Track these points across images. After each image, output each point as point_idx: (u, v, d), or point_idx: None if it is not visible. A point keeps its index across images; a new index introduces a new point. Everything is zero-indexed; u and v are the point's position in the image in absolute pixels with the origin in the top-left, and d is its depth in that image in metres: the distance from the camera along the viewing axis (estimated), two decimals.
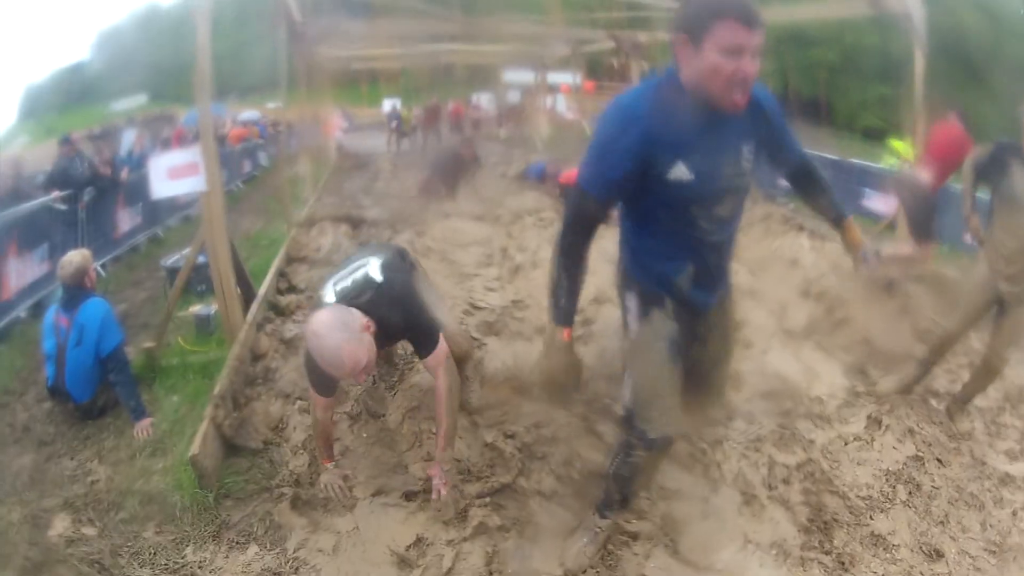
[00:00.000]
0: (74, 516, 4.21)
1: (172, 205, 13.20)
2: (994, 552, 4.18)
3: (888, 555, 4.05)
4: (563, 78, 21.79)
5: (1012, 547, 4.23)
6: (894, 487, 4.64)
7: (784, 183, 3.72)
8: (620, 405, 3.72)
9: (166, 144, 15.00)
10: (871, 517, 4.34)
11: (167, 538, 3.93)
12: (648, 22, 15.10)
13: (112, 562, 3.78)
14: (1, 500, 4.47)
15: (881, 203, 12.94)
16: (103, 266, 10.12)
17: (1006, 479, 4.88)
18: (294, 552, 3.81)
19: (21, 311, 8.14)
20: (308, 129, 15.81)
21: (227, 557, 3.78)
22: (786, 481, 4.63)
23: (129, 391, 5.38)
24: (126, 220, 11.55)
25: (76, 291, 5.49)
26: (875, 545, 4.11)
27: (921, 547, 4.14)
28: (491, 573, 3.70)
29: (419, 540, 3.89)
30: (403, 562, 3.76)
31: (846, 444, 5.08)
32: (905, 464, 4.88)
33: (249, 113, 17.56)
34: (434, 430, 4.45)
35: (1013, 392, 5.96)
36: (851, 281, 7.45)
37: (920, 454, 5.00)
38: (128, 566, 3.75)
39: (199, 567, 3.71)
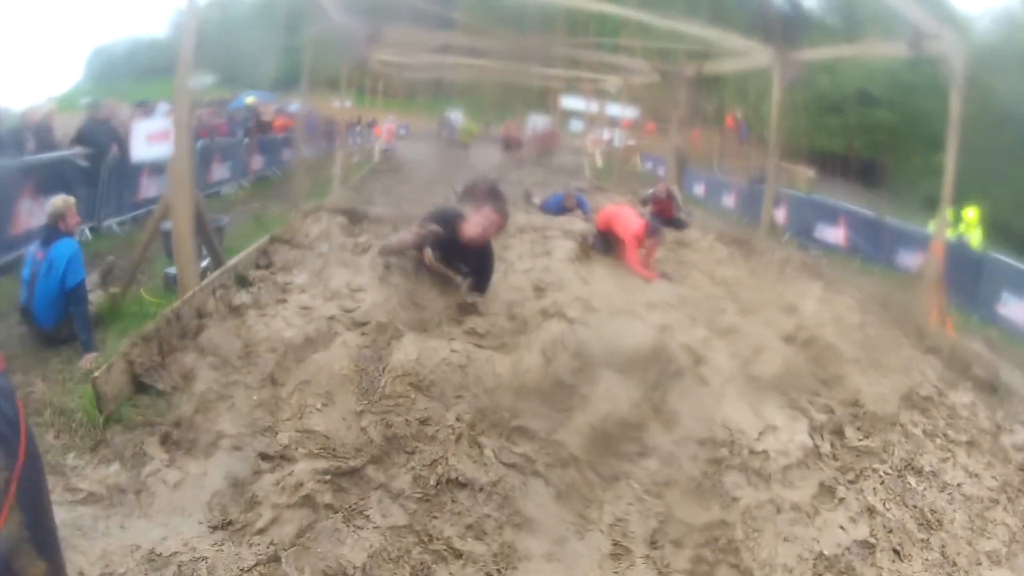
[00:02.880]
0: None
1: (205, 183, 13.68)
2: None
3: None
4: (616, 111, 21.92)
5: None
6: None
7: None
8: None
9: (199, 125, 15.55)
10: None
11: (60, 443, 4.45)
12: (702, 55, 14.82)
13: None
14: None
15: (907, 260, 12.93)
16: (120, 224, 10.98)
17: None
18: (144, 478, 4.15)
19: (29, 247, 8.55)
20: (349, 130, 16.24)
21: (95, 468, 4.21)
22: (678, 543, 4.09)
23: (83, 325, 6.10)
24: (151, 187, 12.04)
25: (53, 230, 6.28)
26: None
27: None
28: (295, 544, 3.67)
29: (252, 497, 3.97)
30: (225, 511, 3.92)
31: (779, 511, 4.40)
32: (848, 549, 4.18)
33: (298, 105, 18.15)
34: (319, 405, 4.73)
35: (1015, 482, 5.25)
36: (855, 333, 7.05)
37: (874, 540, 4.30)
38: None
39: (71, 470, 4.17)
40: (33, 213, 8.92)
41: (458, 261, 6.57)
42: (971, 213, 13.59)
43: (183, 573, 3.47)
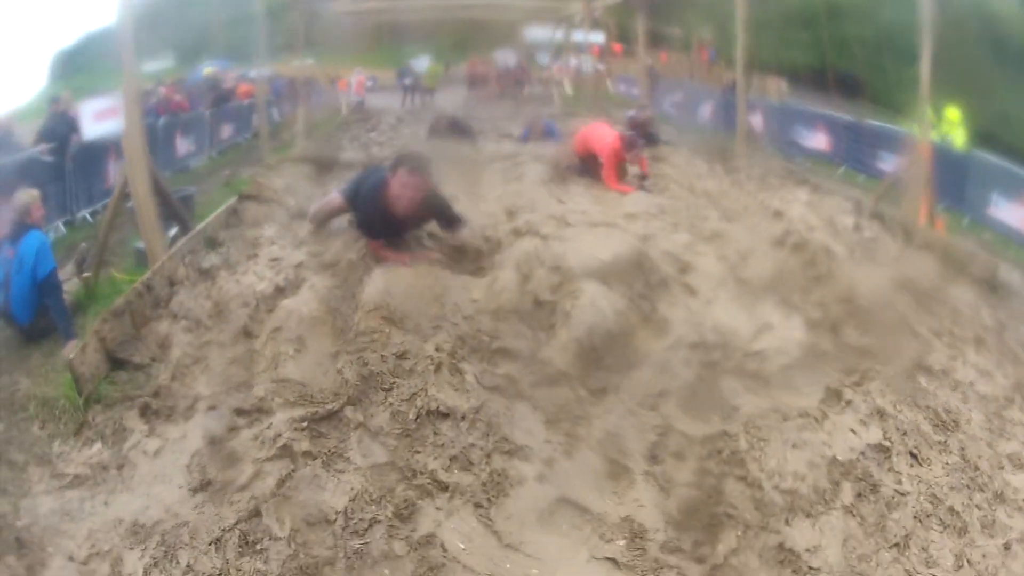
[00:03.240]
0: None
1: (172, 159, 13.46)
2: None
3: None
4: (581, 37, 21.65)
5: None
6: (837, 484, 3.70)
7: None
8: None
9: (159, 103, 15.36)
10: (787, 521, 3.44)
11: (46, 432, 4.48)
12: None
13: (3, 449, 4.35)
14: None
15: (891, 164, 12.06)
16: (93, 214, 10.63)
17: (1003, 494, 3.85)
18: (126, 452, 4.13)
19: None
20: (312, 87, 16.10)
21: (80, 451, 4.20)
22: (679, 455, 3.86)
23: (60, 314, 5.93)
24: (117, 171, 11.75)
25: (20, 226, 6.17)
26: (780, 563, 3.25)
27: None
28: (275, 495, 3.58)
29: (231, 454, 3.90)
30: (204, 472, 3.83)
31: (785, 419, 4.14)
32: (863, 454, 3.91)
33: (263, 70, 17.83)
34: (291, 352, 4.67)
35: None
36: (848, 235, 6.85)
37: (888, 443, 4.02)
38: (13, 453, 4.30)
39: (57, 457, 4.19)
40: (4, 219, 8.71)
41: (403, 230, 6.00)
42: (953, 112, 13.33)
43: (166, 541, 3.41)
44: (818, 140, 15.17)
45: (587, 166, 9.01)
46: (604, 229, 6.28)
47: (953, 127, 13.08)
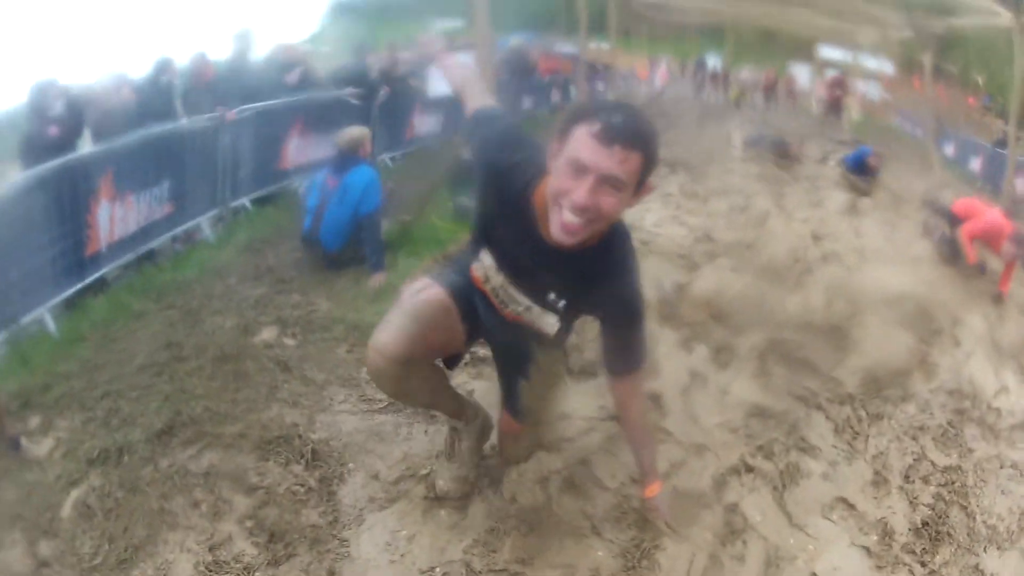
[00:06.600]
0: (281, 330, 4.83)
1: None
2: None
3: None
4: (872, 64, 20.89)
5: None
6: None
7: None
8: None
9: None
10: (984, 549, 3.98)
11: (353, 356, 4.38)
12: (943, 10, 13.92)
13: (296, 365, 4.26)
14: (222, 313, 5.17)
15: None
16: (392, 159, 11.57)
17: None
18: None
19: (295, 182, 8.99)
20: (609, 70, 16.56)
21: None
22: (926, 479, 4.43)
23: (374, 247, 6.25)
24: (423, 124, 12.62)
25: (349, 158, 6.45)
26: None
27: None
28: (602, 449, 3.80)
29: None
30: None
31: (1001, 467, 4.72)
32: None
33: (568, 48, 18.31)
34: None
35: None
36: None
37: None
38: (309, 371, 4.23)
39: (365, 382, 4.12)
40: (303, 150, 9.23)
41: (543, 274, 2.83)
42: None
43: (490, 474, 3.57)
44: None
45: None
46: (897, 268, 6.82)
47: None
